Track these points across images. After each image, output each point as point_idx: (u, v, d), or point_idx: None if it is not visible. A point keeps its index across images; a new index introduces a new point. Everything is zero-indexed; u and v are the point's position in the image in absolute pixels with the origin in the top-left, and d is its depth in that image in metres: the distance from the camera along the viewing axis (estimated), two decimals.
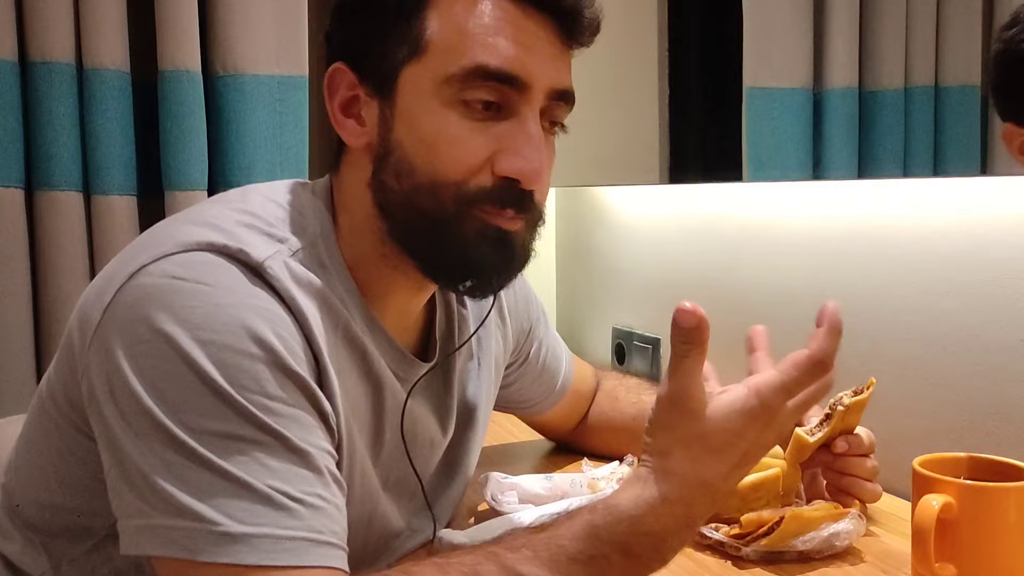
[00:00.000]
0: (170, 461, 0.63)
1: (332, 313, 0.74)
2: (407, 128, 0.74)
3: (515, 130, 0.73)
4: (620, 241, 1.69)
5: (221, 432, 0.63)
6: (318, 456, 0.67)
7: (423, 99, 0.73)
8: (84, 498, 0.75)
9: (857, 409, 0.92)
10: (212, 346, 0.65)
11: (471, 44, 0.72)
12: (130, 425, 0.65)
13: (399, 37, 0.73)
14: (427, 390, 0.87)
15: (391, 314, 0.81)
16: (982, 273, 0.99)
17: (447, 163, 0.73)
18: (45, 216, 1.36)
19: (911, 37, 1.04)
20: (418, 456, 0.86)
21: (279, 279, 0.70)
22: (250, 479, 0.63)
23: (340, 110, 0.77)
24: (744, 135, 1.25)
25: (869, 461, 0.94)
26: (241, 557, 0.62)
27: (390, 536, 0.86)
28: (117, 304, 0.68)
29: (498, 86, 0.72)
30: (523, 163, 0.73)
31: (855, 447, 0.93)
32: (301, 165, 1.46)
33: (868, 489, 0.93)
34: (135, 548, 0.65)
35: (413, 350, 0.86)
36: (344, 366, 0.75)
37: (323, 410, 0.70)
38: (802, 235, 1.25)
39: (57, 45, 1.34)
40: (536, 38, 0.74)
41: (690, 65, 1.45)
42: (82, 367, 0.69)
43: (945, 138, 1.02)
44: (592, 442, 1.20)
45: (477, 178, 0.73)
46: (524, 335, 1.07)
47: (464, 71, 0.72)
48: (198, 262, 0.69)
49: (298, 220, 0.76)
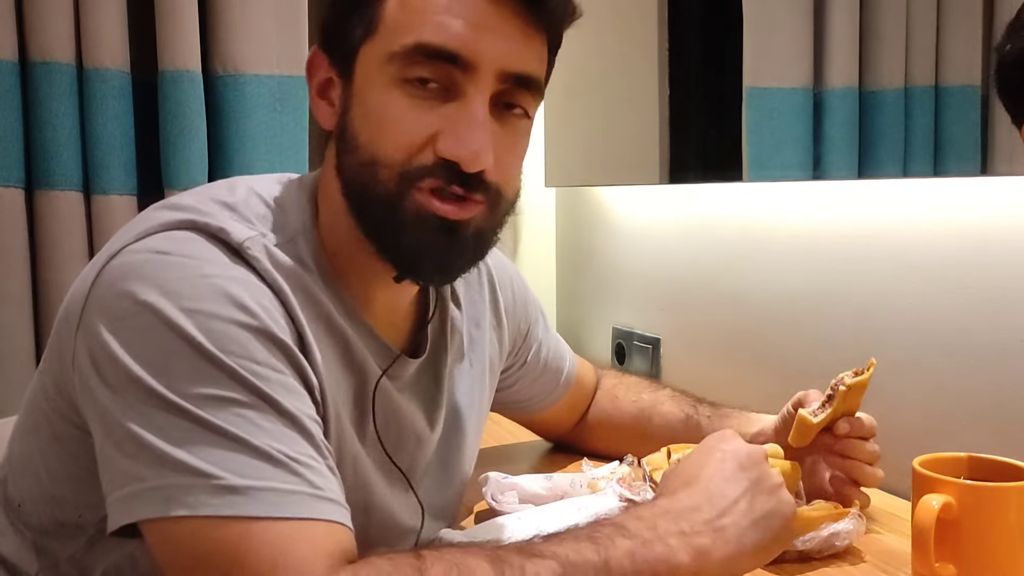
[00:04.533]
0: (163, 423, 0.62)
1: (313, 302, 0.74)
2: (359, 107, 0.73)
3: (458, 112, 0.71)
4: (620, 241, 1.69)
5: (213, 395, 0.63)
6: (308, 422, 0.66)
7: (372, 77, 0.73)
8: (75, 491, 0.74)
9: (858, 390, 0.92)
10: (199, 314, 0.64)
11: (416, 22, 0.71)
12: (120, 395, 0.64)
13: (358, 17, 0.73)
14: (416, 386, 0.87)
15: (378, 308, 0.81)
16: (982, 273, 0.99)
17: (388, 141, 0.72)
18: (45, 216, 1.36)
19: (911, 37, 1.04)
20: (402, 450, 0.85)
21: (258, 259, 0.70)
22: (247, 436, 0.62)
23: (317, 93, 0.78)
24: (744, 135, 1.25)
25: (870, 445, 0.95)
26: (245, 509, 0.60)
27: (398, 532, 0.85)
28: (99, 284, 0.68)
29: (441, 64, 0.70)
30: (461, 146, 0.71)
31: (857, 429, 0.94)
32: (301, 165, 1.46)
33: (869, 473, 0.94)
34: (127, 515, 0.63)
35: (403, 347, 0.85)
36: (326, 353, 0.74)
37: (308, 380, 0.70)
38: (802, 235, 1.25)
39: (57, 45, 1.34)
40: (491, 17, 0.71)
41: (690, 65, 1.45)
42: (71, 355, 0.69)
43: (945, 138, 1.02)
44: (591, 441, 1.20)
45: (418, 158, 0.71)
46: (521, 337, 1.06)
47: (405, 49, 0.71)
48: (180, 238, 0.69)
49: (279, 217, 0.76)
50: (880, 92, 1.08)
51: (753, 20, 1.24)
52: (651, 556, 0.65)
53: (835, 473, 0.97)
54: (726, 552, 0.68)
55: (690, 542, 0.67)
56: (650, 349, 1.56)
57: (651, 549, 0.66)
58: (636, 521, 0.68)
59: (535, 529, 0.85)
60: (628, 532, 0.66)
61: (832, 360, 0.97)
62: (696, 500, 0.70)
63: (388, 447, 0.83)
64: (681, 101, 1.45)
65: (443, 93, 0.72)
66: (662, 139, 1.47)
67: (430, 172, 0.71)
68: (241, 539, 0.60)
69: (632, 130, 1.55)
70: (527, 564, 0.62)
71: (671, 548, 0.66)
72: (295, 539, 0.61)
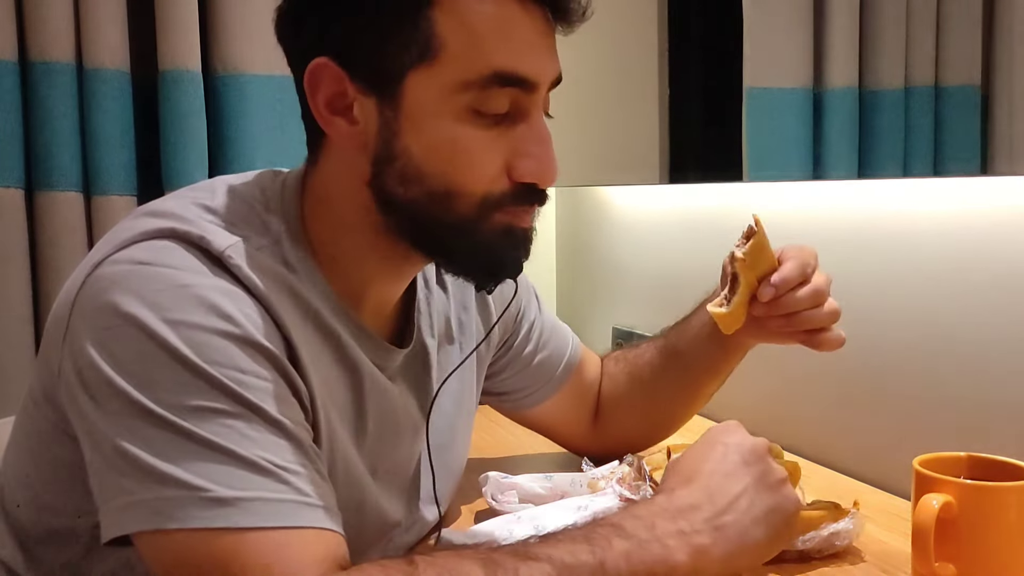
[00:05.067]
0: (150, 436, 0.62)
1: (300, 302, 0.73)
2: (415, 134, 0.72)
3: (528, 133, 0.73)
4: (620, 241, 1.69)
5: (198, 406, 0.63)
6: (295, 429, 0.66)
7: (434, 106, 0.71)
8: (67, 498, 0.74)
9: (758, 252, 0.86)
10: (181, 325, 0.64)
11: (485, 48, 0.70)
12: (105, 409, 0.64)
13: (404, 38, 0.70)
14: (407, 375, 0.86)
15: (368, 303, 0.81)
16: (982, 273, 0.99)
17: (464, 174, 0.72)
18: (45, 216, 1.37)
19: (911, 37, 1.04)
20: (399, 439, 0.85)
21: (240, 267, 0.69)
22: (234, 447, 0.62)
23: (326, 107, 0.74)
24: (744, 135, 1.25)
25: (827, 304, 0.89)
26: (234, 520, 0.60)
27: (388, 527, 0.86)
28: (83, 296, 0.68)
29: (512, 89, 0.71)
30: (538, 166, 0.73)
31: (785, 283, 0.88)
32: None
33: (825, 339, 0.89)
34: (118, 528, 0.63)
35: (391, 335, 0.85)
36: (317, 352, 0.74)
37: (296, 386, 0.70)
38: (802, 235, 1.24)
39: (57, 45, 1.34)
40: (537, 33, 0.73)
41: (690, 65, 1.45)
42: (58, 365, 0.69)
43: (945, 138, 1.02)
44: (614, 433, 1.11)
45: (496, 184, 0.73)
46: (512, 318, 1.04)
47: (482, 78, 0.70)
48: (161, 247, 0.69)
49: (262, 218, 0.75)
50: (880, 92, 1.08)
51: (753, 20, 1.24)
52: (648, 557, 0.65)
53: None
54: (726, 550, 0.68)
55: (689, 541, 0.67)
56: None
57: (648, 550, 0.65)
58: (634, 520, 0.67)
59: (534, 529, 0.85)
60: (625, 532, 0.66)
61: (831, 358, 0.96)
62: (696, 498, 0.69)
63: (384, 440, 0.83)
64: (681, 101, 1.45)
65: (510, 116, 0.73)
66: (662, 139, 1.47)
67: (510, 199, 0.73)
68: (232, 550, 0.60)
69: (632, 129, 1.55)
70: (521, 567, 0.62)
71: (668, 548, 0.66)
72: (286, 548, 0.61)
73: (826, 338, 0.91)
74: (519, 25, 0.71)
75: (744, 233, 0.86)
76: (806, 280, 0.89)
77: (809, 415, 1.23)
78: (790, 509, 0.72)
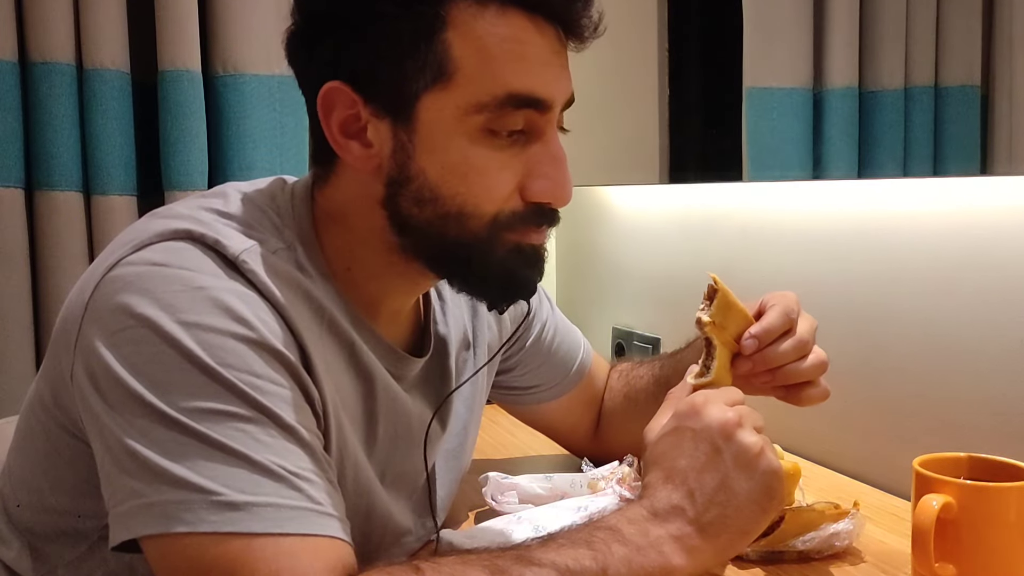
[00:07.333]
0: (162, 439, 0.61)
1: (315, 307, 0.73)
2: (430, 156, 0.72)
3: (542, 153, 0.73)
4: (620, 241, 1.69)
5: (212, 409, 0.62)
6: (309, 436, 0.66)
7: (449, 127, 0.71)
8: (74, 500, 0.74)
9: (725, 310, 0.81)
10: (196, 328, 0.64)
11: (499, 70, 0.70)
12: (118, 411, 0.63)
13: (418, 61, 0.70)
14: (425, 384, 0.87)
15: (383, 313, 0.81)
16: (982, 273, 0.99)
17: (478, 194, 0.72)
18: (45, 216, 1.37)
19: (911, 37, 1.04)
20: (412, 449, 0.85)
21: (255, 272, 0.69)
22: (247, 451, 0.62)
23: (339, 130, 0.73)
24: (744, 135, 1.25)
25: (812, 355, 0.84)
26: (244, 525, 0.60)
27: (398, 534, 0.85)
28: (97, 298, 0.67)
29: (527, 110, 0.71)
30: (552, 186, 0.74)
31: (767, 333, 0.83)
32: (301, 165, 1.46)
33: (808, 395, 0.85)
34: (127, 532, 0.62)
35: (407, 345, 0.85)
36: (331, 358, 0.74)
37: (309, 393, 0.69)
38: (802, 235, 1.25)
39: (57, 45, 1.34)
40: (550, 52, 0.73)
41: (690, 65, 1.45)
42: (69, 369, 0.68)
43: (945, 138, 1.02)
44: (613, 443, 1.10)
45: (508, 204, 0.73)
46: (520, 316, 1.02)
47: (496, 99, 0.70)
48: (177, 249, 0.68)
49: (275, 224, 0.75)
50: (880, 92, 1.08)
51: (753, 20, 1.24)
52: (647, 563, 0.66)
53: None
54: (718, 544, 0.68)
55: (682, 545, 0.67)
56: (650, 349, 1.56)
57: (646, 556, 0.66)
58: (629, 525, 0.67)
59: (534, 530, 0.86)
60: (623, 537, 0.66)
61: (831, 359, 0.96)
62: (677, 499, 0.69)
63: (397, 449, 0.83)
64: (681, 101, 1.45)
65: (525, 136, 0.73)
66: (662, 139, 1.47)
67: (522, 219, 0.74)
68: (241, 556, 0.59)
69: (632, 130, 1.56)
70: (526, 573, 0.62)
71: (665, 555, 0.66)
72: (296, 555, 0.60)
73: (809, 394, 0.86)
74: (532, 46, 0.71)
75: (705, 294, 0.81)
76: (791, 328, 0.84)
77: (809, 415, 1.22)
78: (772, 482, 0.70)
